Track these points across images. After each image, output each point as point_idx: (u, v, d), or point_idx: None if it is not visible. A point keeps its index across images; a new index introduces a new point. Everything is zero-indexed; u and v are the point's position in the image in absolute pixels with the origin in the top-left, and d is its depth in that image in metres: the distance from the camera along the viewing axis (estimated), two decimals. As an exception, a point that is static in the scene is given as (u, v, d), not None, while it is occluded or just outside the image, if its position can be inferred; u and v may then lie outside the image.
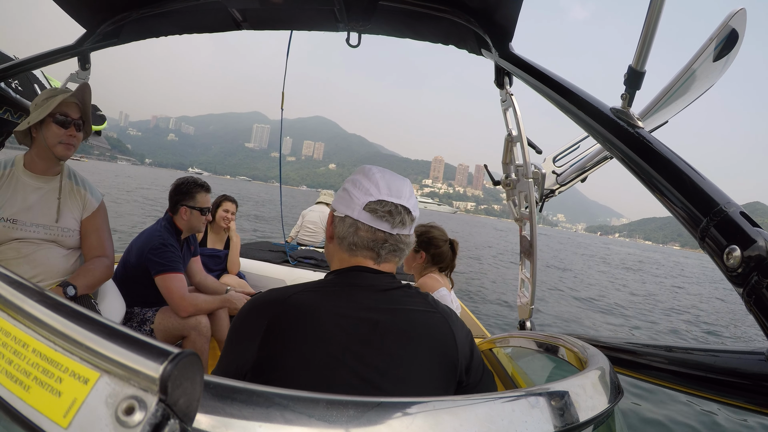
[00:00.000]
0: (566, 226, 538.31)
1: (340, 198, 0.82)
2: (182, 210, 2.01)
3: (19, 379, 0.28)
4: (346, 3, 1.39)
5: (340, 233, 0.80)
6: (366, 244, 0.78)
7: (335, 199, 0.85)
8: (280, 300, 0.71)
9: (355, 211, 0.77)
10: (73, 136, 1.44)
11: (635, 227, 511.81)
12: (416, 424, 0.37)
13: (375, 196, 0.77)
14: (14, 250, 1.38)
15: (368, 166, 0.85)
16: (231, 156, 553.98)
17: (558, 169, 1.82)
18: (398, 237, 0.79)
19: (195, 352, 0.26)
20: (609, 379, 0.58)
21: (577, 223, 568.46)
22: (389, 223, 0.77)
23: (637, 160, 0.75)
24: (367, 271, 0.78)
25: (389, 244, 0.79)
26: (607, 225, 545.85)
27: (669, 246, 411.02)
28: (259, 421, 0.32)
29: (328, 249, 0.86)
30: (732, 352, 0.61)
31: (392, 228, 0.78)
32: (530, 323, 1.72)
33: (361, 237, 0.78)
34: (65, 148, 1.44)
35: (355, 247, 0.79)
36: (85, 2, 1.51)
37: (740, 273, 0.54)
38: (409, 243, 0.82)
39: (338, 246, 0.81)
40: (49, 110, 1.37)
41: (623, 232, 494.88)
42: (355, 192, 0.79)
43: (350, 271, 0.78)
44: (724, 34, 0.89)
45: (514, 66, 1.18)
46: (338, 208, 0.81)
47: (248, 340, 0.69)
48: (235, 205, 2.92)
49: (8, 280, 0.33)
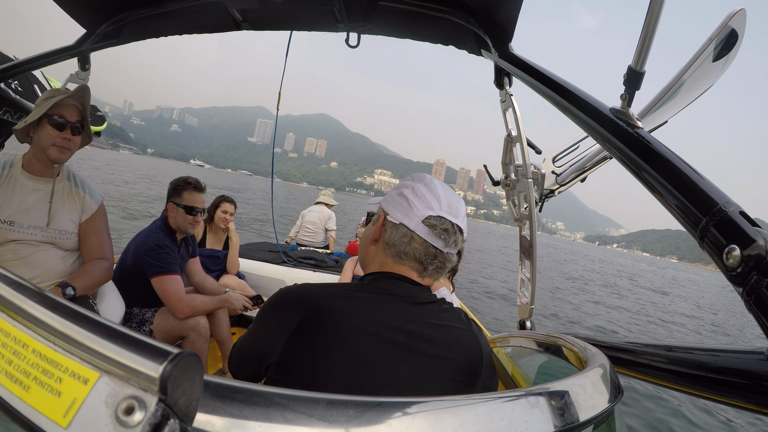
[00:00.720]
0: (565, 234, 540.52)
1: (396, 204, 0.80)
2: (169, 206, 1.99)
3: (18, 379, 0.28)
4: (346, 3, 1.39)
5: (390, 239, 0.78)
6: (416, 256, 0.77)
7: (389, 203, 0.81)
8: (317, 298, 0.69)
9: (413, 222, 0.76)
10: (68, 139, 1.41)
11: (633, 238, 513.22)
12: (416, 424, 0.37)
13: (436, 211, 0.76)
14: (12, 251, 1.37)
15: (429, 177, 0.83)
16: (233, 149, 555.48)
17: (558, 169, 1.82)
18: (447, 255, 0.78)
19: (195, 352, 0.26)
20: (609, 379, 0.58)
21: (575, 231, 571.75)
22: (444, 242, 0.76)
23: (636, 160, 0.75)
24: (409, 282, 0.77)
25: (438, 261, 0.78)
26: (605, 235, 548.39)
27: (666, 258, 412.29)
28: (259, 421, 0.32)
29: (368, 250, 0.84)
30: (732, 352, 0.61)
31: (446, 246, 0.77)
32: (530, 323, 1.72)
33: (414, 248, 0.76)
34: (59, 151, 1.40)
35: (404, 256, 0.77)
36: (85, 2, 1.51)
37: (740, 272, 0.54)
38: (453, 261, 0.81)
39: (383, 250, 0.79)
40: (44, 110, 1.35)
41: (621, 243, 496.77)
42: (415, 201, 0.77)
43: (392, 278, 0.77)
44: (723, 34, 0.89)
45: (513, 66, 1.18)
46: (393, 214, 0.79)
47: (277, 331, 0.67)
48: (233, 206, 2.93)
49: (8, 281, 0.33)
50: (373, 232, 0.82)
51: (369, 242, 0.83)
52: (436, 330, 0.71)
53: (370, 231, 0.84)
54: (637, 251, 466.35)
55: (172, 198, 1.99)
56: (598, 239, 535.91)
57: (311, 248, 4.28)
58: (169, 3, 1.51)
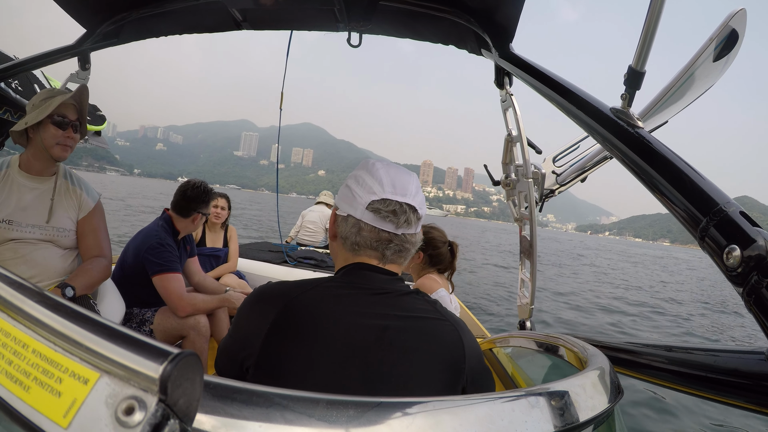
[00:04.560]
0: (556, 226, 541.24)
1: (343, 196, 0.79)
2: (196, 216, 2.02)
3: (19, 380, 0.28)
4: (346, 3, 1.39)
5: (342, 233, 0.78)
6: (370, 244, 0.76)
7: (338, 197, 0.82)
8: (289, 296, 0.68)
9: (358, 211, 0.75)
10: (70, 137, 1.44)
11: (625, 225, 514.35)
12: (416, 424, 0.37)
13: (378, 194, 0.74)
14: (11, 250, 1.38)
15: (371, 161, 0.81)
16: (220, 165, 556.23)
17: (558, 169, 1.82)
18: (403, 237, 0.76)
19: (195, 353, 0.26)
20: (609, 379, 0.58)
21: (567, 222, 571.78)
22: (393, 224, 0.74)
23: (636, 160, 0.75)
24: (375, 270, 0.76)
25: (394, 245, 0.76)
26: (596, 224, 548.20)
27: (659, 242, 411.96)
28: (259, 421, 0.32)
29: (332, 247, 0.85)
30: (732, 352, 0.61)
31: (397, 228, 0.75)
32: (530, 323, 1.72)
33: (365, 237, 0.75)
34: (62, 149, 1.44)
35: (357, 247, 0.76)
36: (85, 2, 1.51)
37: (740, 272, 0.54)
38: (416, 242, 0.80)
39: (342, 245, 0.79)
40: (48, 112, 1.37)
41: (613, 230, 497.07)
42: (357, 190, 0.76)
43: (358, 269, 0.76)
44: (724, 34, 0.89)
45: (514, 66, 1.18)
46: (341, 207, 0.79)
47: (253, 332, 0.67)
48: (225, 201, 2.97)
49: (8, 281, 0.33)
50: (330, 228, 0.83)
51: (331, 239, 0.84)
52: (410, 321, 0.70)
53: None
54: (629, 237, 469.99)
55: (201, 209, 2.03)
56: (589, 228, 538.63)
57: (311, 248, 4.28)
58: (169, 3, 1.51)
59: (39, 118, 1.37)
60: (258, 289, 0.74)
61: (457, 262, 1.82)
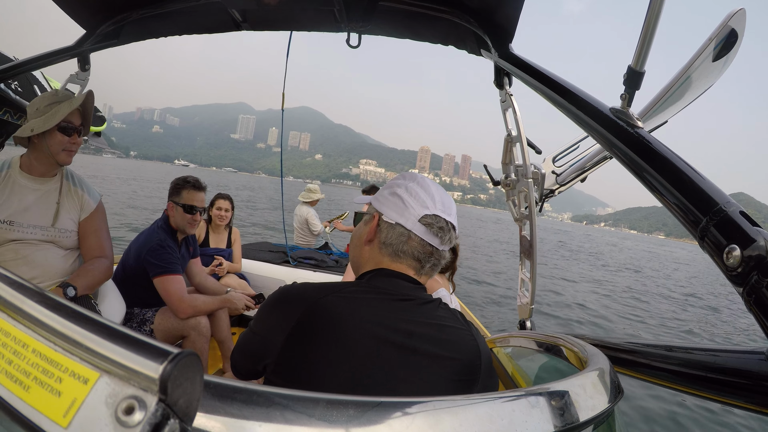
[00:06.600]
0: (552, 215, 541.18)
1: (391, 203, 0.79)
2: (169, 205, 2.01)
3: (19, 379, 0.28)
4: (346, 3, 1.39)
5: (386, 239, 0.78)
6: (414, 255, 0.77)
7: (382, 204, 0.81)
8: (315, 298, 0.69)
9: (410, 222, 0.76)
10: (75, 143, 1.46)
11: (620, 217, 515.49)
12: (416, 424, 0.37)
13: (431, 209, 0.77)
14: (12, 251, 1.38)
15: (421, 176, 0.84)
16: (217, 147, 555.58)
17: (558, 169, 1.82)
18: (441, 253, 0.80)
19: (195, 352, 0.26)
20: (609, 379, 0.58)
21: (563, 212, 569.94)
22: (440, 239, 0.77)
23: (636, 160, 0.75)
24: (406, 279, 0.77)
25: (434, 258, 0.79)
26: (592, 215, 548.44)
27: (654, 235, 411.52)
28: (259, 421, 0.32)
29: (362, 251, 0.83)
30: (732, 352, 0.61)
31: (441, 244, 0.78)
32: (530, 323, 1.72)
33: (412, 247, 0.77)
34: (68, 155, 1.46)
35: (402, 255, 0.77)
36: (85, 3, 1.51)
37: (740, 272, 0.54)
38: (446, 258, 0.82)
39: (379, 250, 0.79)
40: (56, 121, 1.37)
41: (608, 222, 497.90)
42: (410, 201, 0.77)
43: (389, 275, 0.77)
44: (723, 34, 0.89)
45: (513, 66, 1.18)
46: (388, 214, 0.79)
47: (276, 330, 0.67)
48: (228, 202, 2.97)
49: (8, 281, 0.33)
50: (367, 232, 0.81)
51: (363, 243, 0.82)
52: (434, 329, 0.71)
53: (363, 231, 0.83)
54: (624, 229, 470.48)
55: (172, 197, 2.00)
56: (585, 219, 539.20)
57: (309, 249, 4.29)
58: (169, 3, 1.51)
59: (47, 126, 1.37)
60: (282, 289, 0.74)
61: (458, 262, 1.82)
